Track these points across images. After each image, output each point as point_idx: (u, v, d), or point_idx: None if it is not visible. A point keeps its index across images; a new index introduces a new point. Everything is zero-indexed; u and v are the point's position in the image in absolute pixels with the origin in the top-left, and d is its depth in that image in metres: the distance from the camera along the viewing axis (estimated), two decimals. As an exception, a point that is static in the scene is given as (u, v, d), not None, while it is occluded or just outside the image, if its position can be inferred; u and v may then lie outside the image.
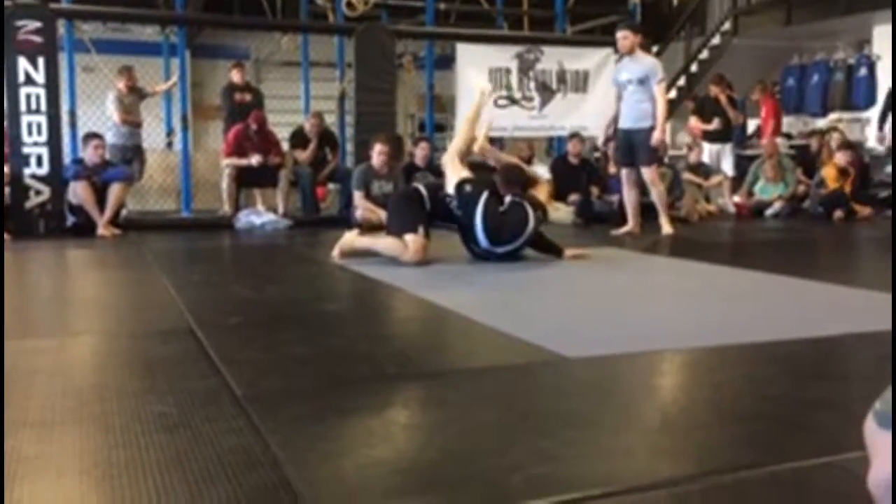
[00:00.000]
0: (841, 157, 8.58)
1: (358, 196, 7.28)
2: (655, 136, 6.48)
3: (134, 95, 8.24)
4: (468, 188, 4.84)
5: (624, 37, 6.56)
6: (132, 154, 8.14)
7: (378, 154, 7.19)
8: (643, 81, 6.46)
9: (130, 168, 7.87)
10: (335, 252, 5.02)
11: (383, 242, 5.00)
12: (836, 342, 2.79)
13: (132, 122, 8.18)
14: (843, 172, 8.51)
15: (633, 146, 6.59)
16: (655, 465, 1.66)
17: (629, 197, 6.81)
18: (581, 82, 8.81)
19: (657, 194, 6.70)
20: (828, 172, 8.56)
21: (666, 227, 6.62)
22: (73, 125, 7.60)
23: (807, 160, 9.50)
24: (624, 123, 6.65)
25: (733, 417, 2.01)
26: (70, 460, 1.71)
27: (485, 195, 4.79)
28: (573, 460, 1.68)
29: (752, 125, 11.17)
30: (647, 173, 6.61)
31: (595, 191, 8.21)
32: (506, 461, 1.64)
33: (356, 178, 7.31)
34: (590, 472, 1.62)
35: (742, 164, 9.64)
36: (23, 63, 6.80)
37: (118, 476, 1.58)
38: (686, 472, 1.63)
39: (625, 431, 1.90)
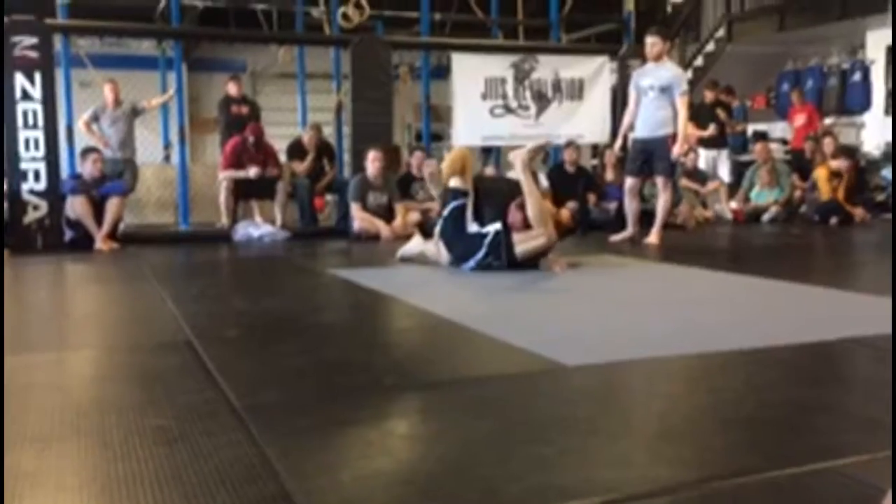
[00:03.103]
0: (834, 164, 8.60)
1: (355, 207, 7.30)
2: (676, 151, 6.44)
3: (121, 109, 8.20)
4: (444, 197, 5.08)
5: (653, 43, 6.46)
6: (123, 167, 8.10)
7: (372, 161, 7.27)
8: (665, 90, 6.38)
9: (123, 181, 7.85)
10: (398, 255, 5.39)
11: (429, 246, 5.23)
12: (834, 347, 2.79)
13: (102, 140, 8.00)
14: (835, 175, 8.53)
15: (649, 155, 6.50)
16: (655, 472, 1.66)
17: (631, 206, 6.74)
18: (576, 90, 8.83)
19: (664, 203, 6.65)
20: (819, 173, 8.58)
21: (653, 237, 6.56)
22: (70, 140, 7.61)
23: (802, 165, 9.54)
24: (641, 132, 6.53)
25: (732, 423, 2.01)
26: (69, 475, 1.71)
27: (450, 206, 4.92)
28: (572, 468, 1.67)
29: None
30: (663, 182, 6.56)
31: (592, 198, 8.22)
32: (505, 470, 1.64)
33: (352, 190, 7.35)
34: (589, 480, 1.62)
35: (738, 169, 9.68)
36: (20, 79, 6.80)
37: (117, 490, 1.58)
38: (686, 478, 1.63)
39: (624, 438, 1.90)
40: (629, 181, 6.74)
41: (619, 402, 2.27)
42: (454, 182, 4.97)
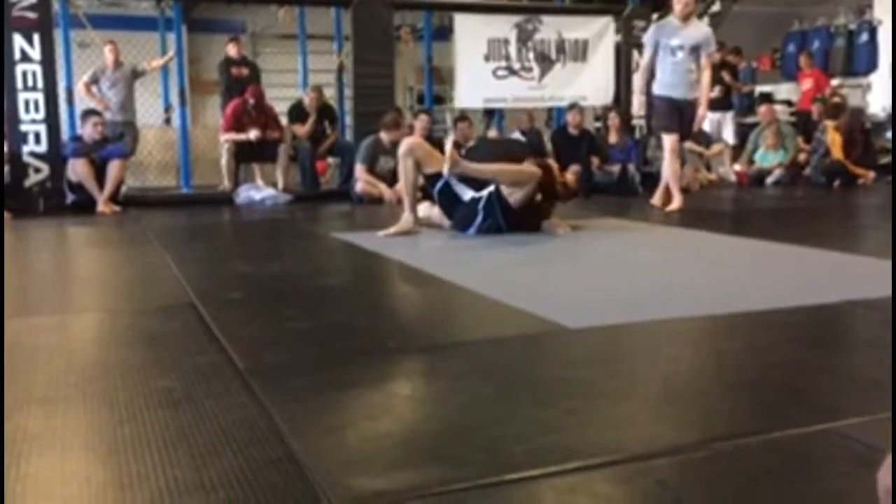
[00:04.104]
0: (831, 124, 8.53)
1: (360, 169, 7.26)
2: (700, 114, 6.32)
3: (121, 71, 8.13)
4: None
5: (686, 3, 6.16)
6: (123, 129, 8.06)
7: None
8: (695, 50, 6.17)
9: (123, 143, 7.81)
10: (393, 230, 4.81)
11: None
12: (836, 309, 2.79)
13: (102, 102, 7.91)
14: (847, 137, 8.43)
15: (682, 114, 6.27)
16: (658, 433, 1.67)
17: (674, 168, 6.32)
18: (580, 52, 8.74)
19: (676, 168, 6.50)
20: (833, 139, 8.48)
21: (657, 199, 6.47)
22: (70, 102, 7.56)
23: (808, 127, 9.47)
24: (672, 92, 6.23)
25: (735, 385, 2.01)
26: (75, 437, 1.72)
27: (436, 189, 4.84)
28: (576, 430, 1.68)
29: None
30: (680, 145, 6.38)
31: (595, 161, 8.19)
32: (508, 432, 1.65)
33: (363, 151, 7.28)
34: (592, 441, 1.63)
35: (743, 131, 9.62)
36: (18, 40, 6.75)
37: (123, 451, 1.59)
38: (688, 439, 1.64)
39: (627, 400, 1.91)
40: (671, 139, 6.31)
41: (622, 364, 2.28)
42: (428, 170, 4.86)
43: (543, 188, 4.79)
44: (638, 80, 6.59)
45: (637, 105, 6.73)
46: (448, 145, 4.69)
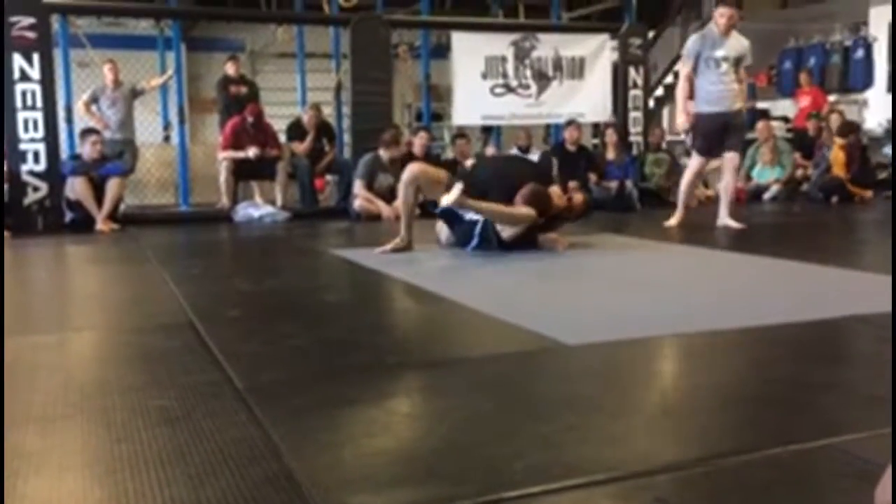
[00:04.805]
0: (840, 141, 8.56)
1: (358, 185, 7.28)
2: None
3: (121, 90, 8.16)
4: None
5: (731, 16, 6.13)
6: (122, 148, 8.07)
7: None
8: (738, 61, 6.16)
9: (122, 161, 7.82)
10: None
11: None
12: (836, 325, 2.79)
13: (101, 121, 7.91)
14: (849, 156, 8.46)
15: (725, 130, 6.13)
16: (658, 450, 1.66)
17: (694, 189, 6.34)
18: (577, 69, 8.78)
19: (734, 180, 6.43)
20: (836, 157, 8.50)
21: (729, 220, 6.24)
22: (69, 121, 7.58)
23: (804, 144, 9.50)
24: (718, 106, 6.09)
25: (735, 401, 2.01)
26: (73, 455, 1.71)
27: (438, 211, 4.86)
28: (575, 446, 1.68)
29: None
30: (733, 157, 6.24)
31: (593, 177, 8.21)
32: (508, 449, 1.64)
33: (361, 168, 7.31)
34: (592, 458, 1.62)
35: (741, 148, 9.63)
36: (18, 59, 6.77)
37: (121, 470, 1.58)
38: (689, 455, 1.63)
39: (627, 416, 1.90)
40: (700, 161, 6.30)
41: (621, 381, 2.27)
42: (430, 197, 4.91)
43: (554, 214, 4.82)
44: (680, 97, 6.33)
45: (682, 123, 6.24)
46: (456, 191, 4.60)
